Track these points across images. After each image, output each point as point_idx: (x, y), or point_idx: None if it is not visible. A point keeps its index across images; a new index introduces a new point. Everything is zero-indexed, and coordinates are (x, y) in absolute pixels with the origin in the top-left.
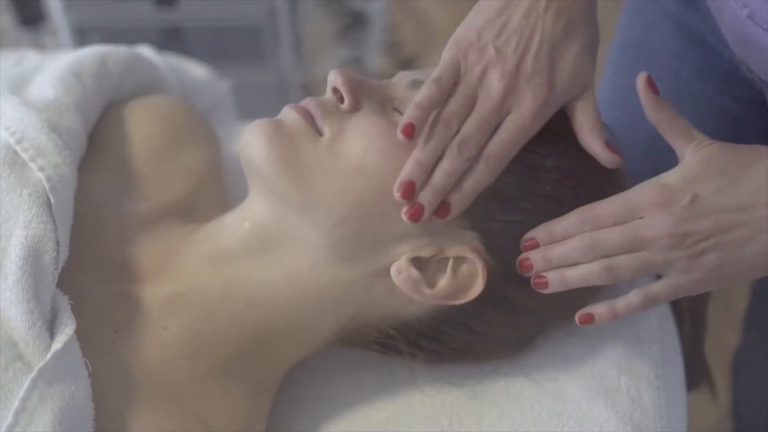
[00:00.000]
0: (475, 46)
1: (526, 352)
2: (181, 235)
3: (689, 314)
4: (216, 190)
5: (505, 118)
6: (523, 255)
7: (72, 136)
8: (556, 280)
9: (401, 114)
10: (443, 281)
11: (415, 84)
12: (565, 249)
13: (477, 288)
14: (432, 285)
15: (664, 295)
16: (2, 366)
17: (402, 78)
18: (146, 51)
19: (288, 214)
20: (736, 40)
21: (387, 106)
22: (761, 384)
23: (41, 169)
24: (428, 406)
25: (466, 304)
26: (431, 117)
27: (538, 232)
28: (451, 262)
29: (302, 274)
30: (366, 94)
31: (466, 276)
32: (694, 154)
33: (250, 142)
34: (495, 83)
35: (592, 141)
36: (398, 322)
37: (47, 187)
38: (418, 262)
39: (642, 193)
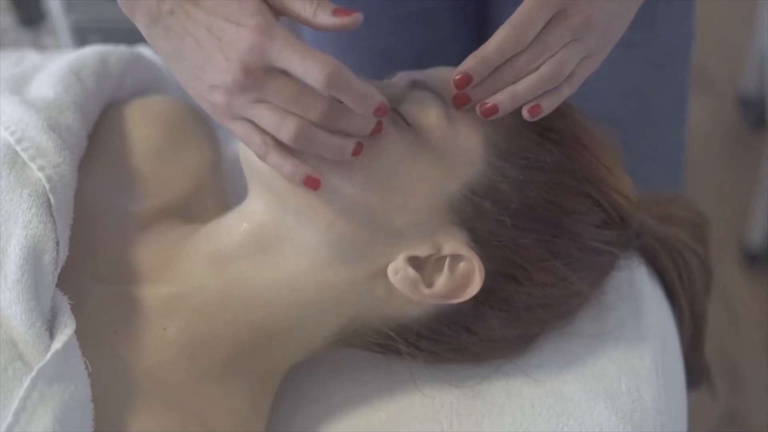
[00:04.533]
0: None
1: (526, 352)
2: (180, 236)
3: (689, 314)
4: (216, 191)
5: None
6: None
7: (72, 136)
8: (507, 99)
9: (399, 114)
10: (441, 280)
11: (415, 84)
12: (514, 68)
13: (475, 286)
14: (430, 284)
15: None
16: (2, 365)
17: (401, 78)
18: (146, 51)
19: (287, 214)
20: None
21: None
22: None
23: (41, 168)
24: (428, 406)
25: (464, 304)
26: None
27: (470, 64)
28: (447, 260)
29: (301, 275)
30: None
31: (463, 274)
32: None
33: None
34: None
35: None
36: (397, 323)
37: (47, 187)
38: (415, 262)
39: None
